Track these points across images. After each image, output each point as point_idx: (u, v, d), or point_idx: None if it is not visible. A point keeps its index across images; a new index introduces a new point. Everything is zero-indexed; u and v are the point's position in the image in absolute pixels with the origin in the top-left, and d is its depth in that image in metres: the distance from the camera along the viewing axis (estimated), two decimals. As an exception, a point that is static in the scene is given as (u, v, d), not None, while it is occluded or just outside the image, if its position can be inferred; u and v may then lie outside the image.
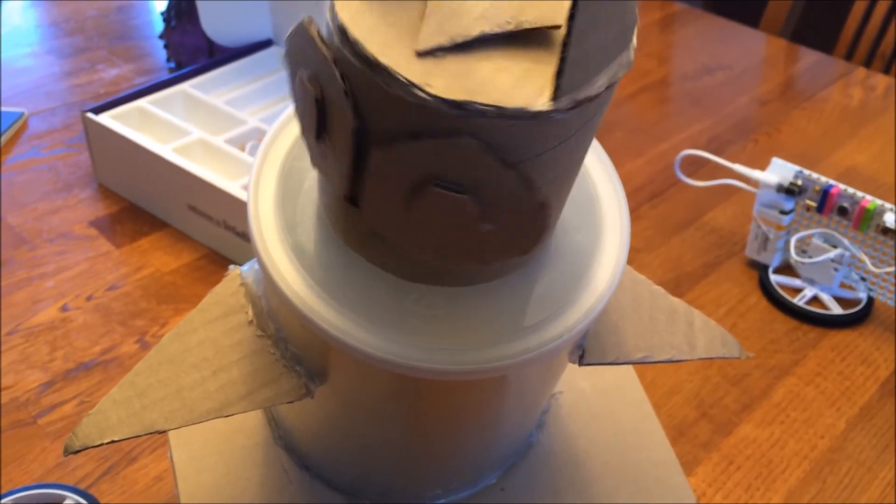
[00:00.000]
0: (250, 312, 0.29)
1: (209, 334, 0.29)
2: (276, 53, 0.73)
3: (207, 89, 0.68)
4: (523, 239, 0.23)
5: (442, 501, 0.35)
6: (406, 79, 0.19)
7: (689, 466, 0.47)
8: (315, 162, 0.24)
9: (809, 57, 0.92)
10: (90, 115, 0.62)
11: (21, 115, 0.73)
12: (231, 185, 0.56)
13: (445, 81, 0.20)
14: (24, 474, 0.45)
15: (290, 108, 0.28)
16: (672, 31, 0.98)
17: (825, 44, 0.97)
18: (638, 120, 0.79)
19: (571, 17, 0.20)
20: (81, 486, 0.44)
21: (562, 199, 0.25)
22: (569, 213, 0.28)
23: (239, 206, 0.55)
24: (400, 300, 0.25)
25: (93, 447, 0.28)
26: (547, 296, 0.26)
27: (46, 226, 0.62)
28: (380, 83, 0.20)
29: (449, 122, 0.20)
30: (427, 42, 0.20)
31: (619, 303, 0.32)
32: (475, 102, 0.20)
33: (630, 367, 0.41)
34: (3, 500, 0.42)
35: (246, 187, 0.56)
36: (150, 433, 0.27)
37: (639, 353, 0.31)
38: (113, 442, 0.27)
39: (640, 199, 0.68)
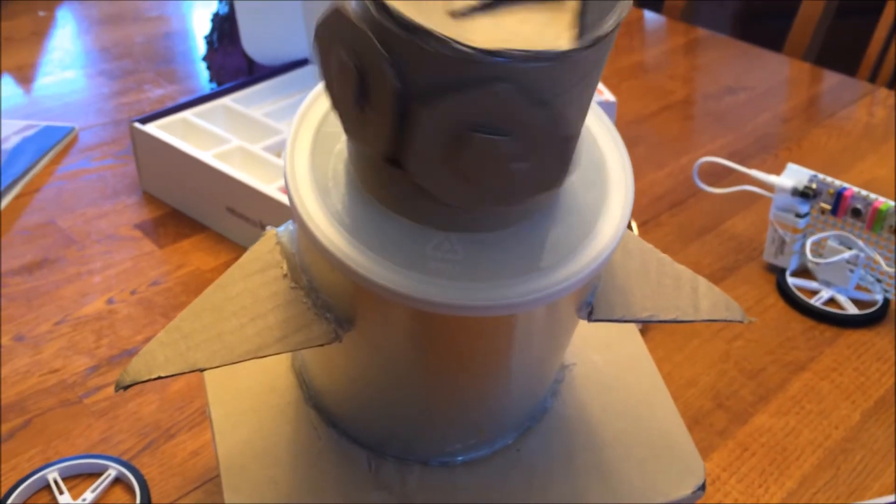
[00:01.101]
0: (285, 267, 0.32)
1: (248, 286, 0.32)
2: (311, 71, 0.77)
3: (247, 103, 0.72)
4: (552, 174, 0.26)
5: (461, 458, 0.37)
6: (447, 36, 0.22)
7: (704, 452, 0.48)
8: (351, 131, 0.27)
9: (832, 78, 0.94)
10: (138, 125, 0.66)
11: (72, 129, 0.78)
12: (267, 187, 0.59)
13: (480, 35, 0.22)
14: (71, 447, 0.47)
15: (320, 84, 0.31)
16: (696, 55, 1.00)
17: (848, 68, 0.99)
18: (660, 135, 0.81)
19: None
20: (124, 458, 0.46)
21: (579, 135, 0.27)
22: (578, 175, 0.31)
23: (274, 207, 0.59)
24: (422, 246, 0.28)
25: (141, 382, 0.30)
26: (556, 245, 0.29)
27: (94, 228, 0.65)
28: (421, 44, 0.22)
29: (487, 70, 0.23)
30: (459, 4, 0.23)
31: (627, 266, 0.34)
32: (511, 49, 0.22)
33: (642, 343, 0.43)
34: (52, 468, 0.45)
35: (281, 189, 0.60)
36: (193, 371, 0.30)
37: (645, 312, 0.34)
38: (160, 378, 0.30)
39: (661, 207, 0.70)
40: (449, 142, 0.24)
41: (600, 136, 0.32)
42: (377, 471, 0.37)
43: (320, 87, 0.31)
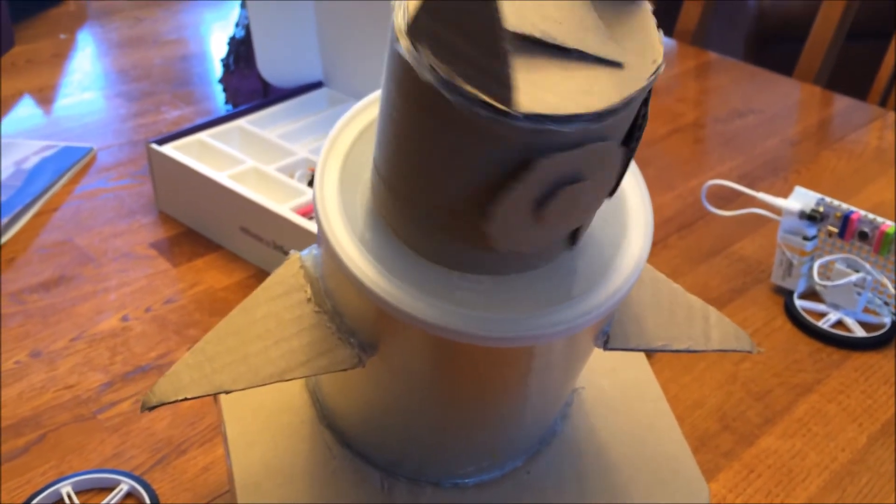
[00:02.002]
0: (309, 291, 0.32)
1: (272, 309, 0.32)
2: (325, 94, 0.79)
3: (262, 125, 0.73)
4: (608, 189, 0.27)
5: (472, 480, 0.38)
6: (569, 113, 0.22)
7: (710, 473, 0.49)
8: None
9: (842, 102, 0.94)
10: (154, 146, 0.68)
11: (90, 149, 0.79)
12: (280, 207, 0.60)
13: (555, 97, 0.23)
14: (85, 462, 0.48)
15: (348, 112, 0.31)
16: (706, 78, 1.01)
17: (859, 93, 1.00)
18: (669, 158, 0.82)
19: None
20: (136, 473, 0.47)
21: None
22: (599, 210, 0.31)
23: (287, 227, 0.60)
24: (448, 276, 0.29)
25: (168, 403, 0.31)
26: (577, 278, 0.29)
27: (111, 247, 0.67)
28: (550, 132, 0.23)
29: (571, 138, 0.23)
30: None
31: (641, 297, 0.34)
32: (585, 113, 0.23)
33: (648, 368, 0.43)
34: (65, 482, 0.46)
35: (294, 210, 0.61)
36: (219, 392, 0.31)
37: (658, 341, 0.34)
38: (185, 399, 0.31)
39: (669, 229, 0.70)
40: (536, 201, 0.24)
41: None
42: (390, 491, 0.37)
43: (348, 114, 0.32)
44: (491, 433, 0.36)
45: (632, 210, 0.32)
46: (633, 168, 0.33)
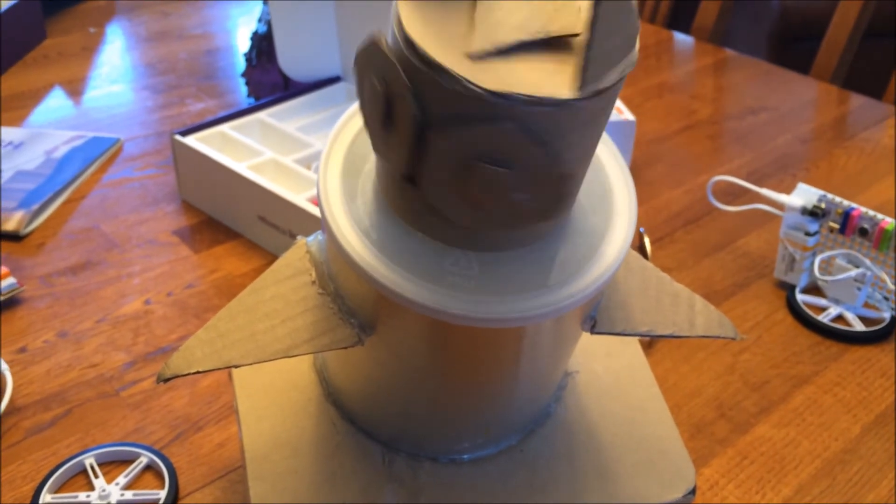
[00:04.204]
0: (314, 274, 0.35)
1: (279, 290, 0.35)
2: (343, 88, 0.81)
3: (281, 118, 0.76)
4: (549, 206, 0.29)
5: (468, 456, 0.40)
6: (461, 76, 0.25)
7: (704, 459, 0.50)
8: (378, 148, 0.29)
9: (855, 100, 0.95)
10: (178, 137, 0.70)
11: (117, 140, 0.82)
12: (297, 197, 0.63)
13: (492, 78, 0.25)
14: (107, 436, 0.51)
15: (353, 106, 0.34)
16: (721, 75, 1.02)
17: (876, 92, 1.00)
18: (680, 154, 0.83)
19: (591, 27, 0.26)
20: (155, 447, 0.50)
21: (581, 174, 0.30)
22: (586, 200, 0.33)
23: (303, 217, 0.62)
24: (440, 261, 0.31)
25: (181, 376, 0.33)
26: (564, 264, 0.31)
27: (135, 234, 0.69)
28: (439, 80, 0.25)
29: (494, 109, 0.25)
30: (477, 48, 0.26)
31: (628, 284, 0.36)
32: (516, 93, 0.25)
33: (641, 354, 0.45)
34: (88, 454, 0.48)
35: (310, 199, 0.63)
36: (228, 367, 0.33)
37: (644, 326, 0.36)
38: (198, 372, 0.33)
39: (676, 224, 0.72)
40: (458, 168, 0.27)
41: (608, 163, 0.35)
42: (390, 465, 0.40)
43: (353, 109, 0.34)
44: (484, 410, 0.38)
45: (617, 201, 0.33)
46: (619, 162, 0.34)
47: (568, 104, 0.25)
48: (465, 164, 0.27)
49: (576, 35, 0.26)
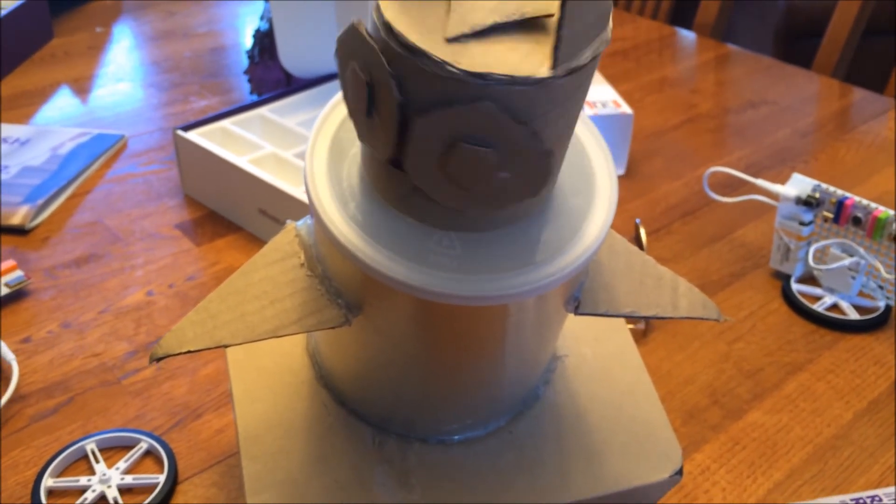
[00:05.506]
0: (302, 257, 0.35)
1: (268, 273, 0.35)
2: (345, 84, 0.82)
3: (282, 113, 0.77)
4: (532, 184, 0.29)
5: (457, 437, 0.41)
6: (440, 59, 0.26)
7: (696, 445, 0.51)
8: (362, 136, 0.30)
9: (855, 94, 0.95)
10: (181, 132, 0.71)
11: (121, 137, 0.83)
12: (297, 191, 0.64)
13: (469, 59, 0.26)
14: (108, 423, 0.52)
15: (337, 95, 0.34)
16: (722, 70, 1.03)
17: (876, 87, 1.00)
18: (679, 147, 0.83)
19: (563, 6, 0.27)
20: (155, 434, 0.51)
21: (562, 152, 0.31)
22: (568, 182, 0.34)
23: (303, 209, 0.63)
24: (424, 241, 0.31)
25: (173, 355, 0.34)
26: (546, 243, 0.32)
27: (138, 227, 0.71)
28: (419, 64, 0.26)
29: (473, 90, 0.26)
30: (454, 31, 0.27)
31: (612, 266, 0.37)
32: (493, 73, 0.26)
33: (630, 338, 0.45)
34: (90, 439, 0.49)
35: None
36: (218, 346, 0.34)
37: (627, 308, 0.36)
38: (189, 352, 0.34)
39: (673, 216, 0.72)
40: (441, 149, 0.28)
41: (589, 145, 0.35)
42: (381, 446, 0.40)
43: (339, 96, 0.35)
44: (471, 391, 0.38)
45: (599, 183, 0.34)
46: (601, 144, 0.35)
47: (544, 83, 0.26)
48: (448, 145, 0.27)
49: (550, 16, 0.27)
